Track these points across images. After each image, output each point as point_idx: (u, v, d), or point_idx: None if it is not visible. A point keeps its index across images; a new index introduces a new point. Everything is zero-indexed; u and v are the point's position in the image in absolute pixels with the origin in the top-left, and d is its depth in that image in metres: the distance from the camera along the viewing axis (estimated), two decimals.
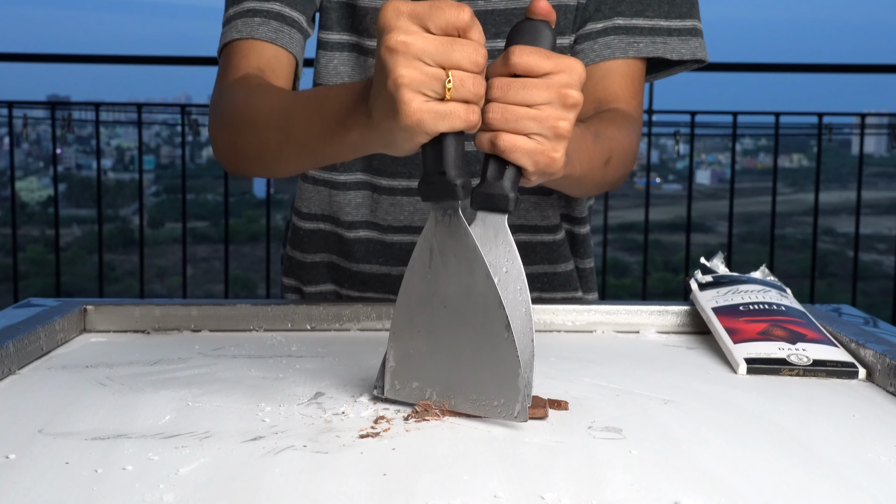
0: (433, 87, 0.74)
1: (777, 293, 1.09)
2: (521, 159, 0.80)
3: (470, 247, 0.78)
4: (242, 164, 1.06)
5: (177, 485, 0.65)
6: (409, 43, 0.74)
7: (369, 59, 1.19)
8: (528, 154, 0.80)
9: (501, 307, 0.76)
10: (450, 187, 0.77)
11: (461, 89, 0.74)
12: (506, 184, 0.80)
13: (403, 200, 1.23)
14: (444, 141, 0.77)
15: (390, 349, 0.82)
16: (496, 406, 0.78)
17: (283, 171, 1.04)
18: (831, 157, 16.67)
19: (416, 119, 0.74)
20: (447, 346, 0.80)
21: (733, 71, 4.43)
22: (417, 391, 0.81)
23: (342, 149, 0.87)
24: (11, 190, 4.27)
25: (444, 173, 0.77)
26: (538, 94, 0.79)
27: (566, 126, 0.80)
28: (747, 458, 0.72)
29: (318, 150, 0.91)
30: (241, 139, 1.02)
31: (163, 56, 7.70)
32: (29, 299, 1.14)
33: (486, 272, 0.77)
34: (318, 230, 1.28)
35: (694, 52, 1.18)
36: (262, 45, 1.12)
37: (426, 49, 0.74)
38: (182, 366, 0.96)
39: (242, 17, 1.13)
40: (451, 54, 0.74)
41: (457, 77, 0.74)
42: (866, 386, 0.94)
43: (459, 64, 0.74)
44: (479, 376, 0.78)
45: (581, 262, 1.31)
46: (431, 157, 0.77)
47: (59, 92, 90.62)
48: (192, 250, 4.69)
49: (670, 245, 13.52)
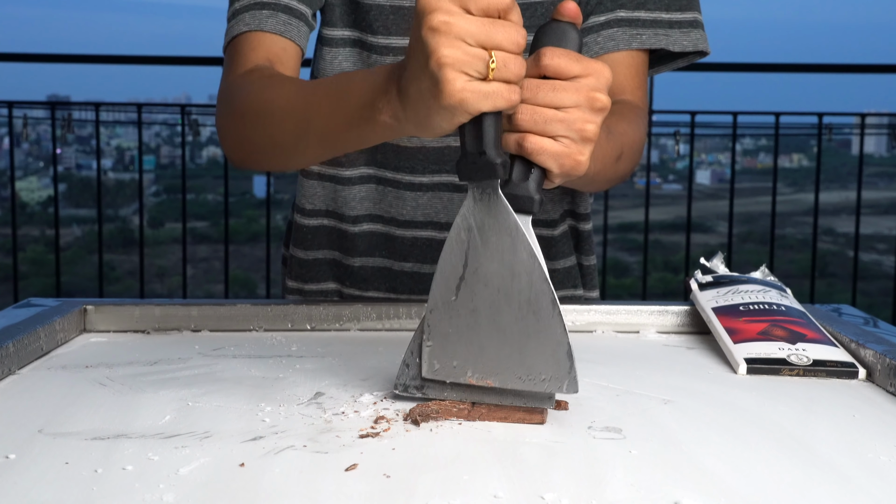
0: (476, 66, 0.74)
1: (777, 293, 1.09)
2: (548, 161, 0.81)
3: (511, 224, 0.78)
4: (253, 157, 1.05)
5: (177, 485, 0.65)
6: (451, 23, 0.74)
7: (373, 55, 1.19)
8: (554, 156, 0.81)
9: (547, 282, 0.77)
10: (490, 166, 0.77)
11: (504, 69, 0.75)
12: (531, 185, 0.82)
13: (409, 195, 1.24)
14: (484, 121, 0.77)
15: (428, 329, 0.82)
16: (544, 380, 0.78)
17: (297, 163, 1.04)
18: (831, 157, 16.67)
19: (459, 98, 0.75)
20: (489, 324, 0.80)
21: (733, 71, 4.42)
22: (458, 370, 0.81)
23: (369, 133, 0.87)
24: (11, 190, 4.27)
25: (484, 153, 0.77)
26: (567, 97, 0.80)
27: (593, 129, 0.81)
28: (747, 458, 0.72)
29: (341, 138, 0.91)
30: (255, 131, 1.01)
31: (163, 56, 7.71)
32: (29, 299, 1.14)
33: (529, 249, 0.78)
34: (321, 226, 1.28)
35: (696, 44, 1.19)
36: (272, 37, 1.12)
37: (469, 29, 0.74)
38: (182, 366, 0.96)
39: (250, 9, 1.13)
40: (493, 35, 0.74)
41: (500, 57, 0.75)
42: (866, 386, 0.94)
43: (501, 45, 0.75)
44: (525, 352, 0.78)
45: (584, 258, 1.31)
46: (472, 136, 0.78)
47: (59, 92, 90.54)
48: (192, 250, 4.70)
49: (670, 245, 13.53)
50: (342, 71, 1.21)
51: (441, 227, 1.24)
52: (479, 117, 0.77)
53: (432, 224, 1.24)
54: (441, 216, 1.24)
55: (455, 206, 1.23)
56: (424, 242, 1.25)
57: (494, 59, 0.74)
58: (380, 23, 1.17)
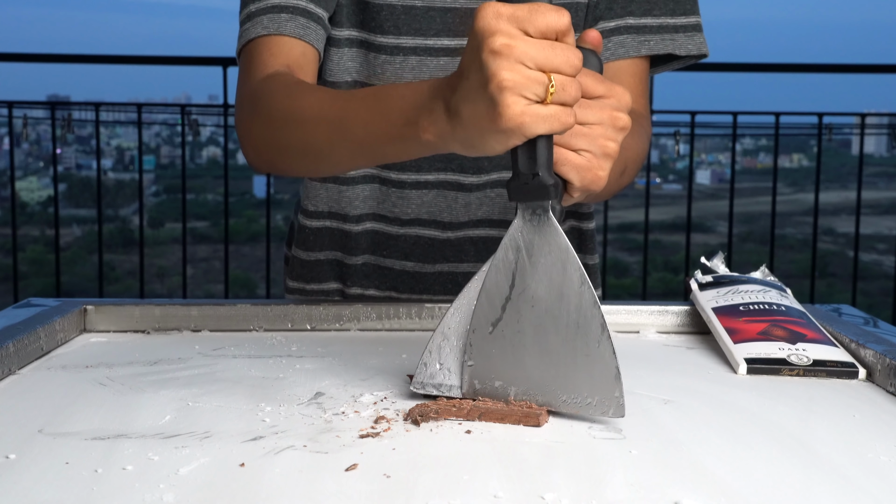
0: (535, 90, 0.75)
1: (777, 293, 1.09)
2: (570, 173, 0.84)
3: (563, 246, 0.79)
4: (281, 161, 1.04)
5: (177, 485, 0.65)
6: (512, 46, 0.74)
7: (381, 55, 1.19)
8: (576, 169, 0.84)
9: (597, 306, 0.78)
10: (543, 188, 0.78)
11: (562, 93, 0.75)
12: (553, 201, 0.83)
13: (412, 194, 1.24)
14: (538, 143, 0.78)
15: (470, 349, 0.82)
16: (590, 404, 0.78)
17: (331, 169, 1.04)
18: (831, 157, 16.67)
19: (519, 122, 0.75)
20: (535, 346, 0.80)
21: (733, 71, 4.42)
22: (500, 390, 0.82)
23: (410, 149, 0.87)
24: (11, 190, 4.27)
25: (538, 174, 0.78)
26: (592, 114, 0.84)
27: (614, 147, 0.85)
28: (747, 458, 0.72)
29: (379, 150, 0.91)
30: (285, 135, 1.00)
31: (163, 56, 7.71)
32: (29, 299, 1.14)
33: (581, 272, 0.78)
34: (324, 228, 1.28)
35: (699, 48, 1.21)
36: (291, 41, 1.11)
37: (528, 52, 0.74)
38: (182, 366, 0.96)
39: (267, 12, 1.11)
40: (552, 58, 0.75)
41: (558, 81, 0.75)
42: (866, 386, 0.94)
43: (559, 68, 0.75)
44: (571, 375, 0.79)
45: (587, 257, 1.32)
46: (525, 158, 0.78)
47: (59, 92, 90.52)
48: (192, 250, 4.70)
49: (670, 245, 13.53)
50: (347, 70, 1.21)
51: (443, 227, 1.24)
52: (534, 139, 0.77)
53: (435, 223, 1.24)
54: (444, 215, 1.24)
55: (458, 204, 1.23)
56: (427, 241, 1.25)
57: (553, 82, 0.75)
58: (390, 23, 1.17)
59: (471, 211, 1.24)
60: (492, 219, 1.24)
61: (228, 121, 4.09)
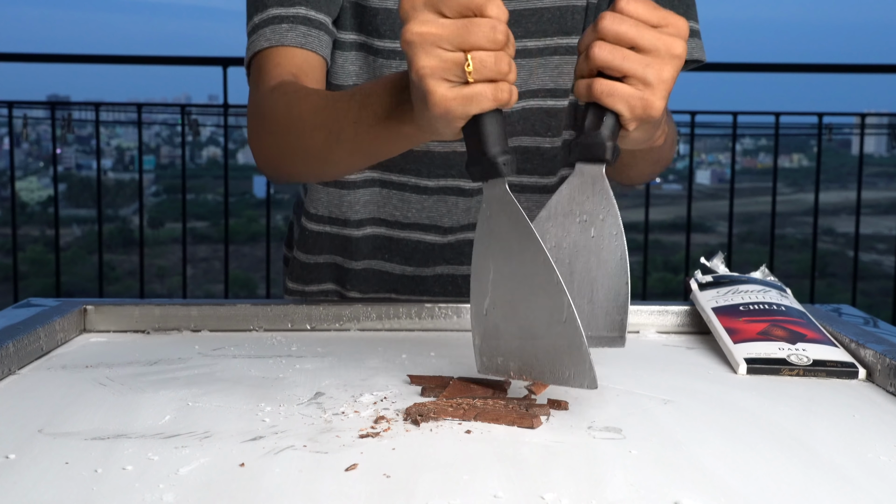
0: (455, 72, 0.74)
1: (777, 293, 1.09)
2: (618, 104, 0.81)
3: (522, 226, 0.78)
4: (288, 170, 1.06)
5: (177, 485, 0.65)
6: (424, 32, 0.74)
7: (379, 59, 1.19)
8: (624, 98, 0.80)
9: (560, 286, 0.77)
10: (493, 165, 0.77)
11: (483, 70, 0.74)
12: (603, 132, 0.82)
13: (412, 198, 1.24)
14: (480, 121, 0.77)
15: (474, 327, 0.84)
16: (569, 376, 0.79)
17: (334, 172, 1.05)
18: (831, 157, 16.67)
19: (445, 107, 0.75)
20: (521, 323, 0.81)
21: (733, 71, 4.42)
22: (502, 366, 0.83)
23: (397, 142, 0.88)
24: (11, 190, 4.27)
25: (486, 153, 0.77)
26: (648, 37, 0.80)
27: (670, 73, 0.81)
28: (747, 458, 0.72)
29: (370, 147, 0.92)
30: (287, 144, 1.02)
31: (163, 56, 7.71)
32: (29, 299, 1.14)
33: (542, 253, 0.77)
34: (325, 232, 1.28)
35: (699, 53, 1.21)
36: (293, 50, 1.12)
37: (442, 35, 0.74)
38: (182, 366, 0.96)
39: (269, 24, 1.12)
40: (467, 37, 0.74)
41: (476, 58, 0.74)
42: (866, 386, 0.94)
43: (478, 44, 0.74)
44: (551, 350, 0.79)
45: None
46: (472, 138, 0.78)
47: (59, 92, 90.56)
48: (192, 250, 4.70)
49: (670, 245, 13.52)
50: (349, 74, 1.21)
51: (444, 231, 1.24)
52: (476, 118, 0.77)
53: (435, 228, 1.24)
54: (445, 220, 1.24)
55: (459, 209, 1.23)
56: (427, 246, 1.25)
57: (470, 61, 0.74)
58: (387, 26, 1.17)
59: (471, 215, 1.24)
60: None
61: (228, 121, 4.08)
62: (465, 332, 0.91)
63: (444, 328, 1.12)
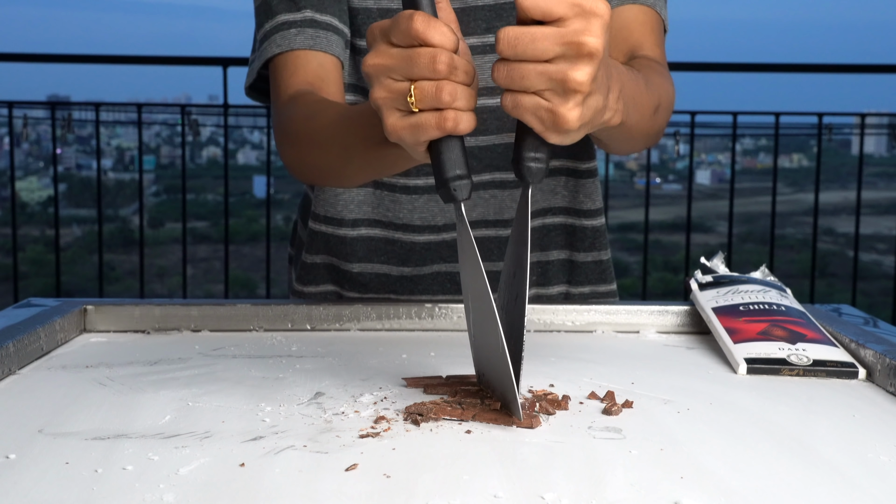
0: (401, 102, 0.75)
1: (777, 293, 1.09)
2: (526, 117, 0.75)
3: (471, 254, 0.79)
4: (314, 177, 1.10)
5: (177, 485, 0.65)
6: (377, 64, 0.76)
7: (358, 58, 1.20)
8: (531, 111, 0.74)
9: (495, 320, 0.77)
10: (447, 190, 0.78)
11: (424, 99, 0.74)
12: (523, 149, 0.78)
13: (405, 198, 1.24)
14: (436, 147, 0.77)
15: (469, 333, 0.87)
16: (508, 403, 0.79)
17: (350, 181, 1.07)
18: (831, 157, 16.66)
19: (397, 135, 0.76)
20: (481, 342, 0.83)
21: (733, 71, 4.43)
22: (483, 378, 0.85)
23: (405, 160, 0.89)
24: (11, 190, 4.27)
25: (441, 177, 0.78)
26: (548, 47, 0.72)
27: (581, 78, 0.72)
28: (747, 458, 0.72)
29: (379, 165, 0.95)
30: (309, 157, 1.06)
31: (163, 56, 7.71)
32: (29, 299, 1.14)
33: (483, 282, 0.77)
34: (320, 232, 1.28)
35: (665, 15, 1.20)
36: (305, 54, 1.13)
37: (390, 65, 0.75)
38: (182, 366, 0.96)
39: (279, 30, 1.14)
40: (410, 68, 0.74)
41: (418, 88, 0.74)
42: (866, 386, 0.94)
43: (420, 74, 0.74)
44: (496, 376, 0.81)
45: (600, 254, 1.31)
46: (433, 162, 0.78)
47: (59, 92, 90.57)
48: (192, 250, 4.69)
49: (670, 245, 13.52)
50: (347, 73, 1.21)
51: (438, 230, 1.24)
52: (433, 143, 0.77)
53: (429, 228, 1.24)
54: (438, 219, 1.24)
55: (451, 210, 1.23)
56: (422, 246, 1.25)
57: (412, 91, 0.74)
58: (367, 27, 1.17)
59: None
60: (487, 219, 1.24)
61: (228, 121, 4.09)
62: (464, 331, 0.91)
63: (443, 328, 1.12)
